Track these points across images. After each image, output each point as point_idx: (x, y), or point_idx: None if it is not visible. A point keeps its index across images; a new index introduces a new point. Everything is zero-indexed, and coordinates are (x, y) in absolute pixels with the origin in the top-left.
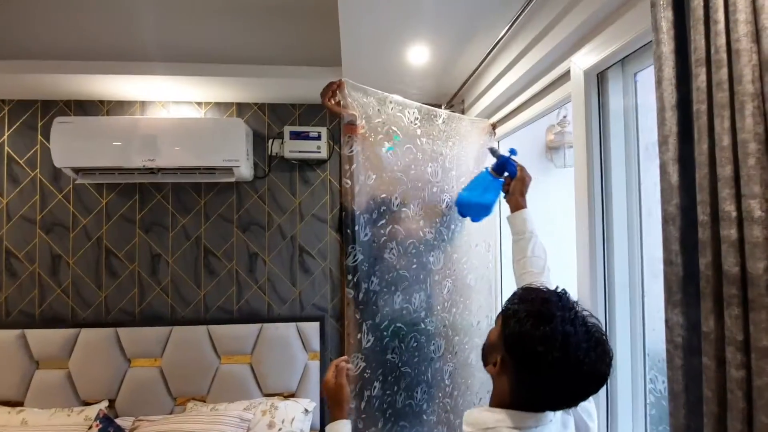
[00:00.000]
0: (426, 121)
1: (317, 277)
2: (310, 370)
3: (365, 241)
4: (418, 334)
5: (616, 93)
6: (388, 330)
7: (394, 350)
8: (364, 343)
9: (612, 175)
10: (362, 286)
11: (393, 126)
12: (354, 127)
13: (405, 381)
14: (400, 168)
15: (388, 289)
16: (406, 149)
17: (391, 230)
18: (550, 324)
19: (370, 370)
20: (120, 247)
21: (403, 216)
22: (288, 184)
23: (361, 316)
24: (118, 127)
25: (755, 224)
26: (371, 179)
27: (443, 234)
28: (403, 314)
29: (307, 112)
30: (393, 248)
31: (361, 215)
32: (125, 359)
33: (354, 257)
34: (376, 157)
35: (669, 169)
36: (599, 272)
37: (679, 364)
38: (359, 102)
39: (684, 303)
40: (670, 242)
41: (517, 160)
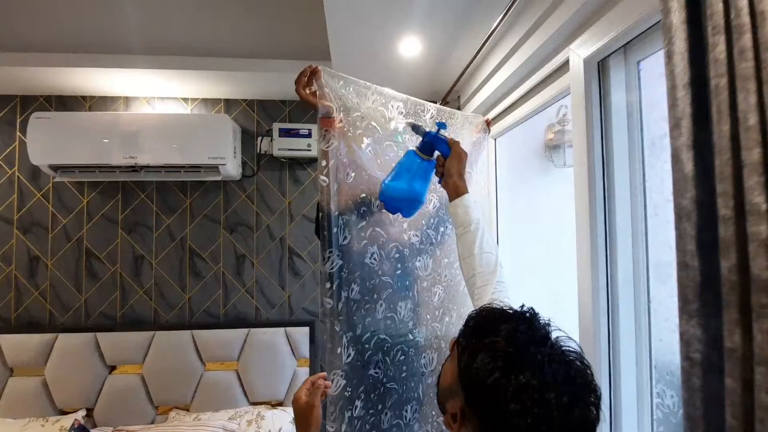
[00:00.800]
0: (412, 116)
1: (307, 280)
2: (299, 378)
3: (344, 244)
4: (406, 346)
5: (619, 83)
6: (370, 342)
7: (377, 364)
8: (344, 358)
9: (615, 173)
10: (341, 295)
11: (373, 121)
12: (331, 120)
13: (391, 399)
14: (381, 166)
15: (370, 297)
16: (386, 147)
17: (371, 233)
18: (524, 371)
19: (351, 388)
20: (101, 249)
21: (384, 218)
22: (277, 184)
23: (341, 327)
24: (98, 122)
25: None
26: (350, 177)
27: (431, 237)
28: (388, 324)
29: (297, 109)
30: (374, 253)
31: (340, 216)
32: (105, 366)
33: (332, 263)
34: (354, 154)
35: (682, 157)
36: (601, 277)
37: (697, 384)
38: (336, 93)
39: (702, 313)
40: (684, 242)
41: (447, 134)
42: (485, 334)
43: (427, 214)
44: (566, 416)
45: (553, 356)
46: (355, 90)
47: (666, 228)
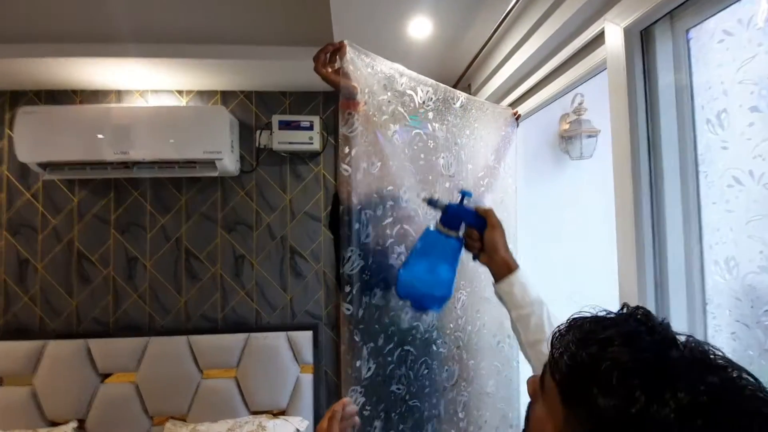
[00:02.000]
0: (442, 103)
1: (310, 282)
2: (303, 385)
3: (367, 243)
4: (430, 358)
5: (666, 56)
6: (393, 355)
7: (400, 380)
8: (364, 373)
9: (663, 157)
10: (362, 301)
11: (400, 107)
12: (354, 103)
13: (413, 418)
14: (408, 156)
15: (395, 303)
16: (414, 136)
17: (399, 231)
18: (677, 383)
19: (371, 407)
20: (93, 250)
21: (413, 214)
22: (278, 179)
23: (361, 338)
24: (88, 116)
25: None
26: (375, 167)
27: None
28: (413, 335)
29: (298, 100)
30: (401, 253)
31: (363, 211)
32: (97, 374)
33: (352, 264)
34: (380, 141)
35: None
36: (649, 278)
37: None
38: (363, 72)
39: None
40: None
41: (472, 202)
42: (592, 349)
43: None
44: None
45: (705, 361)
46: (383, 71)
47: (728, 218)
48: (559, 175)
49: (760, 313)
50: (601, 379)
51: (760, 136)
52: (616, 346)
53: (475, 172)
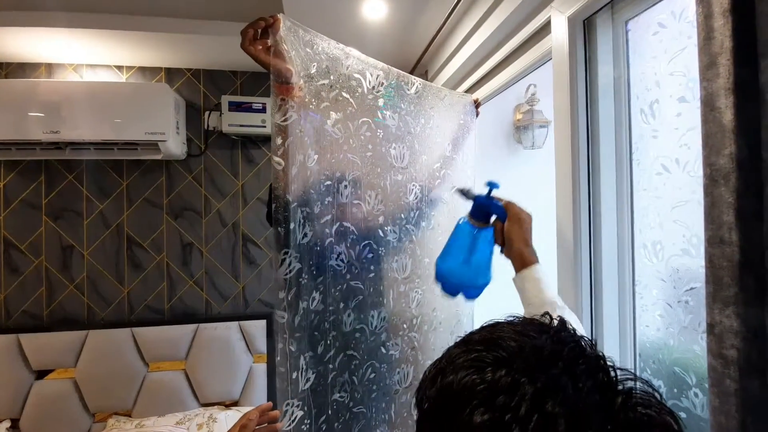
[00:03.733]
0: (394, 89)
1: (264, 270)
2: (256, 375)
3: (304, 243)
4: (377, 362)
5: (605, 45)
6: (335, 362)
7: (343, 387)
8: (302, 384)
9: (600, 142)
10: (299, 306)
11: (345, 92)
12: (288, 88)
13: (359, 424)
14: (353, 148)
15: (336, 307)
16: (360, 124)
17: (338, 229)
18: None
19: (310, 420)
20: (22, 238)
21: (356, 210)
22: (228, 164)
23: (298, 347)
24: (13, 91)
25: None
26: (312, 160)
27: (411, 233)
28: (357, 338)
29: (250, 80)
30: (342, 252)
31: (299, 208)
32: (30, 371)
33: (288, 266)
34: (317, 131)
35: (719, 104)
36: (584, 260)
37: (733, 388)
38: (299, 52)
39: (741, 301)
40: (719, 211)
41: (499, 194)
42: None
43: (407, 206)
44: None
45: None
46: (326, 51)
47: (655, 204)
48: (513, 164)
49: (681, 293)
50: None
51: (686, 125)
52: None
53: (430, 163)
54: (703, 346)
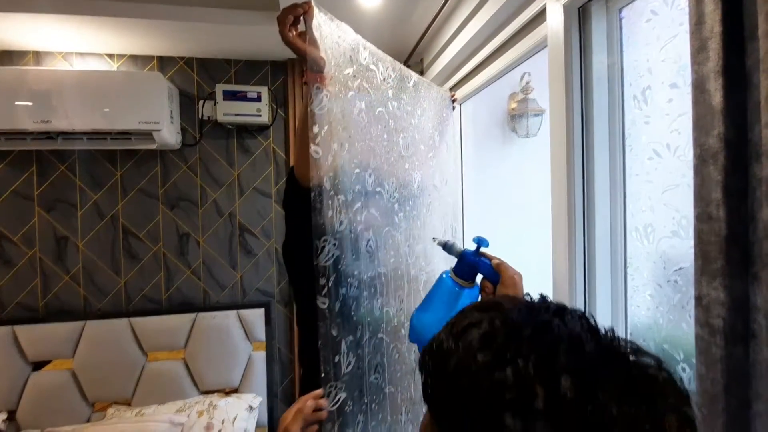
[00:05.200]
0: (399, 80)
1: (261, 259)
2: (255, 362)
3: (341, 230)
4: (400, 343)
5: (600, 33)
6: (370, 345)
7: (377, 369)
8: (344, 368)
9: (594, 131)
10: (339, 293)
11: (365, 82)
12: (323, 76)
13: (391, 404)
14: (373, 137)
15: (368, 292)
16: (378, 114)
17: (367, 216)
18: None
19: (353, 401)
20: (14, 230)
21: (378, 198)
22: (224, 153)
23: (339, 332)
24: (1, 80)
25: None
26: (344, 149)
27: (416, 219)
28: (385, 322)
29: (244, 69)
30: (370, 239)
31: (335, 196)
32: (27, 363)
33: (327, 253)
34: (347, 120)
35: (709, 86)
36: (579, 243)
37: (719, 355)
38: (329, 41)
39: (727, 273)
40: (708, 189)
41: (488, 251)
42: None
43: (412, 194)
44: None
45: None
46: (348, 41)
47: (647, 188)
48: (507, 153)
49: (670, 273)
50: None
51: (678, 111)
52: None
53: (425, 152)
54: (690, 323)
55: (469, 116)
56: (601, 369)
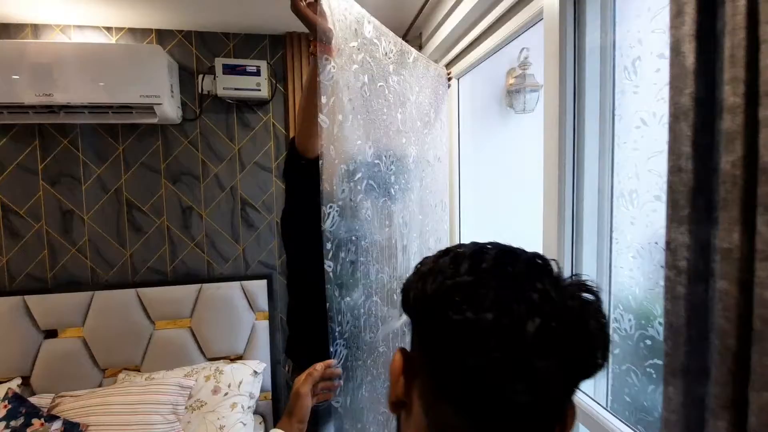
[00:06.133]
0: (399, 55)
1: (263, 233)
2: (259, 331)
3: (343, 198)
4: (392, 307)
5: (593, 5)
6: (365, 306)
7: (371, 329)
8: (345, 326)
9: (585, 101)
10: (340, 257)
11: (368, 56)
12: (330, 48)
13: (383, 363)
14: (374, 110)
15: (365, 258)
16: (379, 88)
17: (366, 186)
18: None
19: (353, 357)
20: (21, 203)
21: (376, 170)
22: (224, 128)
23: (341, 293)
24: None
25: None
26: (348, 120)
27: (410, 192)
28: (380, 286)
29: (242, 43)
30: (368, 208)
31: (339, 165)
32: (39, 331)
33: (332, 220)
34: (351, 92)
35: (684, 49)
36: (567, 208)
37: (682, 293)
38: (337, 14)
39: (692, 219)
40: (680, 144)
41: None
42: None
43: (407, 167)
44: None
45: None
46: (354, 14)
47: (633, 156)
48: (504, 128)
49: (651, 235)
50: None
51: (665, 80)
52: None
53: (422, 129)
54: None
55: (467, 91)
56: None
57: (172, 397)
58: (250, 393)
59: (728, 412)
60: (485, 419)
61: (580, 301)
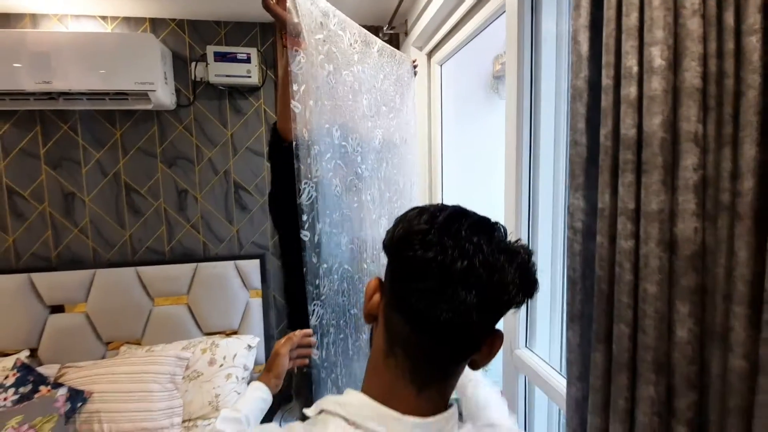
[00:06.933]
0: (364, 46)
1: (256, 215)
2: (252, 308)
3: (317, 176)
4: (363, 275)
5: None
6: (338, 273)
7: (344, 293)
8: (322, 289)
9: (542, 88)
10: (316, 227)
11: (333, 46)
12: (299, 41)
13: (354, 323)
14: (340, 96)
15: (337, 230)
16: (344, 76)
17: (334, 166)
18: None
19: (328, 316)
20: (25, 186)
21: (343, 151)
22: (217, 114)
23: (318, 260)
24: (1, 41)
25: (654, 75)
26: (318, 105)
27: (377, 172)
28: (350, 255)
29: (233, 30)
30: (337, 185)
31: (312, 146)
32: (45, 306)
33: (308, 194)
34: (318, 81)
35: (580, 38)
36: (524, 189)
37: (578, 249)
38: (303, 8)
39: (586, 186)
40: (576, 121)
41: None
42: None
43: (375, 149)
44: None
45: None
46: (318, 7)
47: None
48: (489, 114)
49: None
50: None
51: None
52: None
53: (386, 112)
54: None
55: (451, 77)
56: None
57: (170, 368)
58: (244, 365)
59: (602, 345)
60: (421, 328)
61: (507, 255)
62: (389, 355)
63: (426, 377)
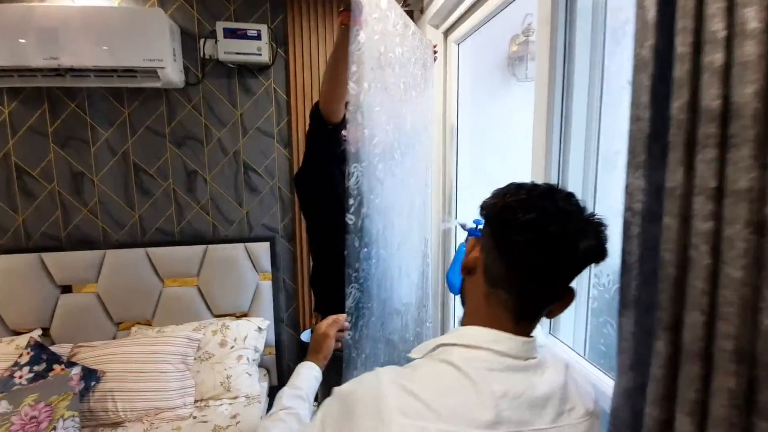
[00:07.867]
0: (404, 28)
1: (265, 197)
2: (263, 290)
3: (366, 160)
4: (392, 260)
5: None
6: (378, 258)
7: (378, 277)
8: (361, 272)
9: (575, 64)
10: (361, 212)
11: (383, 27)
12: (362, 19)
13: (391, 307)
14: (385, 78)
15: (378, 215)
16: (389, 58)
17: (381, 148)
18: (540, 200)
19: (365, 300)
20: (33, 165)
21: (384, 135)
22: (226, 93)
23: (360, 243)
24: (5, 16)
25: (748, 39)
26: (372, 87)
27: (407, 158)
28: (387, 240)
29: (243, 6)
30: (380, 170)
31: (364, 130)
32: (56, 286)
33: (356, 178)
34: (372, 61)
35: (646, 3)
36: (554, 167)
37: (636, 232)
38: None
39: (648, 165)
40: (639, 94)
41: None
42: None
43: (406, 134)
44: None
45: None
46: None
47: (617, 121)
48: (506, 96)
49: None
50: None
51: None
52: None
53: (416, 98)
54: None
55: (468, 57)
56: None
57: (181, 349)
58: (255, 347)
59: (667, 333)
60: (519, 271)
61: (591, 224)
62: (490, 294)
63: (522, 310)
